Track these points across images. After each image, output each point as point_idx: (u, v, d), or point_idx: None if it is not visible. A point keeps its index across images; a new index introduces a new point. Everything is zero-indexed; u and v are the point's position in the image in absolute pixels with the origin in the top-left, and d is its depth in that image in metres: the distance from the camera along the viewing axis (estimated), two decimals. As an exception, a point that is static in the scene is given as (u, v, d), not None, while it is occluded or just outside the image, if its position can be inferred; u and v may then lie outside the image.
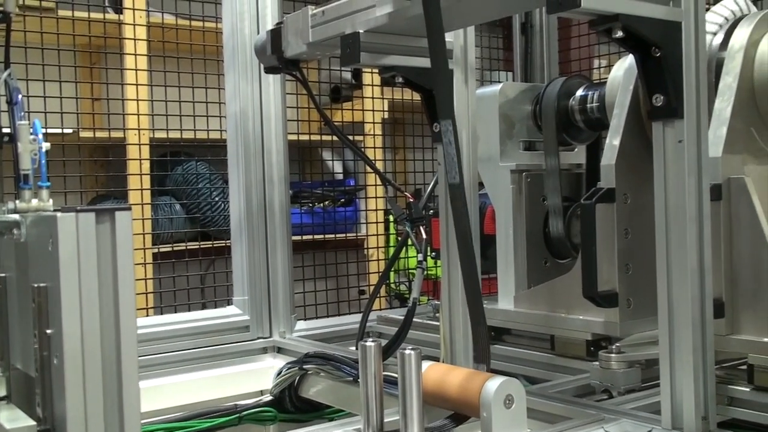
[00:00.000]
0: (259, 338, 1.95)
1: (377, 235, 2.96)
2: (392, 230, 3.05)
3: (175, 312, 2.28)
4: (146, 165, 2.60)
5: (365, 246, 3.03)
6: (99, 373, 0.90)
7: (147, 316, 2.30)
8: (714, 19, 1.42)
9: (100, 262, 0.91)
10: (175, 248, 2.68)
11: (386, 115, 3.14)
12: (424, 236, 1.64)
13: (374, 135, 3.06)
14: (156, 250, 2.63)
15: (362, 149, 2.96)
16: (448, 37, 1.46)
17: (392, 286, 2.98)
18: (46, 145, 1.16)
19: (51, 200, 1.14)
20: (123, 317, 0.91)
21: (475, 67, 1.51)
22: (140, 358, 0.93)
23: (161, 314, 2.33)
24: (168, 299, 2.46)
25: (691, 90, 1.09)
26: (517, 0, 1.19)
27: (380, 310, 2.36)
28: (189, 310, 2.26)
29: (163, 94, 2.50)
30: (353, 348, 1.81)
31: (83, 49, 2.65)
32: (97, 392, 0.90)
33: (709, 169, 1.13)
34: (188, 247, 2.59)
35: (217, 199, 2.83)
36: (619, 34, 1.05)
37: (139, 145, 2.57)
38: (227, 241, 2.09)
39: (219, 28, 2.11)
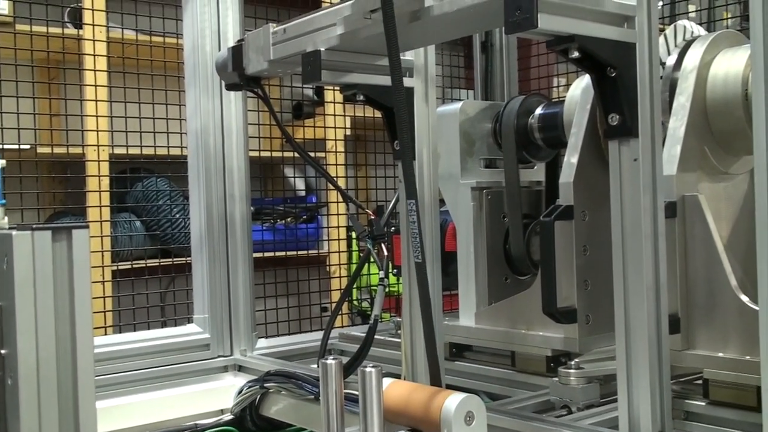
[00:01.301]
0: (219, 356, 1.93)
1: (339, 252, 2.96)
2: (355, 247, 3.05)
3: (135, 330, 2.25)
4: (105, 181, 2.57)
5: (327, 263, 3.02)
6: (54, 394, 0.88)
7: (105, 334, 2.27)
8: (665, 43, 1.46)
9: (56, 281, 0.89)
10: (134, 266, 2.64)
11: (349, 132, 3.14)
12: (386, 253, 1.64)
13: (336, 152, 3.06)
14: (115, 268, 2.60)
15: (324, 166, 2.96)
16: (410, 55, 1.48)
17: (355, 303, 2.97)
18: (1, 162, 1.14)
19: (6, 218, 1.13)
20: (80, 337, 0.90)
21: (436, 85, 1.52)
22: (99, 377, 0.92)
23: (120, 333, 2.30)
24: (127, 317, 2.43)
25: (646, 109, 1.11)
26: (475, 20, 1.20)
27: (342, 327, 2.35)
28: (149, 329, 2.23)
29: (123, 110, 2.48)
30: (315, 366, 1.80)
31: (41, 65, 2.61)
32: (52, 413, 0.88)
33: (664, 187, 1.15)
34: (148, 265, 2.56)
35: (177, 215, 2.81)
36: (576, 54, 1.06)
37: (98, 161, 2.54)
38: (188, 259, 2.08)
39: (180, 44, 2.10)
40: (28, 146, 2.44)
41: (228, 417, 1.61)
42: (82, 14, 2.62)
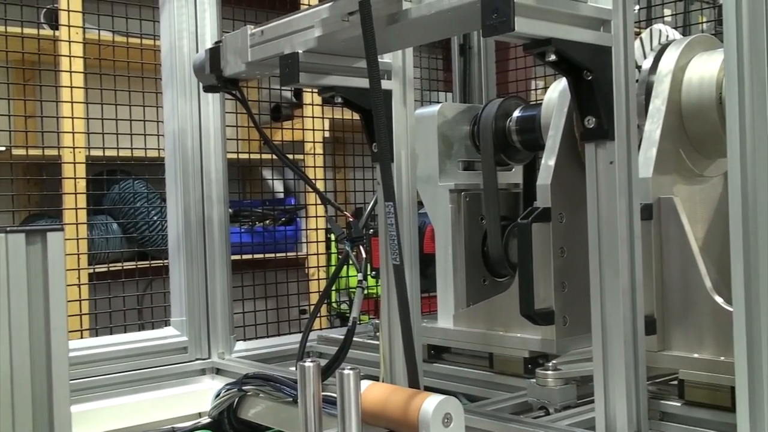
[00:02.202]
0: (197, 359, 1.92)
1: (318, 254, 2.96)
2: (334, 249, 3.04)
3: (111, 333, 2.23)
4: (82, 183, 2.55)
5: (306, 265, 3.01)
6: (29, 398, 0.88)
7: (82, 338, 2.25)
8: (641, 46, 1.47)
9: (30, 285, 0.89)
10: (111, 268, 2.62)
11: (327, 134, 3.14)
12: (364, 255, 1.64)
13: (315, 154, 3.06)
14: (92, 271, 2.58)
15: (303, 168, 2.95)
16: (388, 57, 1.48)
17: (333, 305, 2.97)
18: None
19: (-20, 220, 1.12)
20: (54, 341, 0.89)
21: (414, 87, 1.52)
22: (75, 381, 0.91)
23: (97, 336, 2.27)
24: (104, 320, 2.41)
25: (622, 113, 1.12)
26: (453, 23, 1.20)
27: (321, 329, 2.35)
28: (125, 332, 2.21)
29: (99, 112, 2.46)
30: (293, 368, 1.80)
31: (17, 66, 2.59)
32: (26, 417, 0.87)
33: (640, 190, 1.16)
34: (125, 267, 2.54)
35: (155, 218, 2.79)
36: (552, 57, 1.07)
37: (74, 163, 2.52)
38: (165, 261, 2.06)
39: (157, 46, 2.08)
40: (3, 148, 2.41)
41: (206, 420, 1.61)
42: (58, 15, 2.60)
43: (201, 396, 1.83)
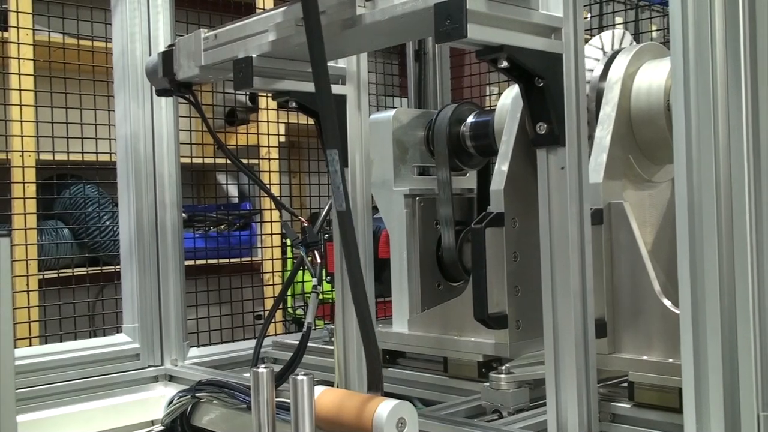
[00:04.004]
0: (149, 366, 1.90)
1: (273, 259, 2.94)
2: (289, 254, 3.03)
3: (61, 341, 2.19)
4: (31, 188, 2.51)
5: (262, 270, 3.00)
6: (-27, 408, 0.86)
7: (31, 345, 2.21)
8: (593, 52, 1.49)
9: (-25, 291, 0.87)
10: (61, 274, 2.58)
11: (283, 139, 3.13)
12: (319, 260, 1.64)
13: (270, 159, 3.04)
14: (41, 277, 2.53)
15: (258, 173, 2.94)
16: (342, 62, 1.48)
17: (289, 310, 2.95)
18: None
19: (-77, 226, 1.09)
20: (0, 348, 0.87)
21: (368, 92, 1.53)
22: (24, 390, 0.90)
23: (46, 343, 2.23)
24: (54, 328, 2.37)
25: (572, 119, 1.13)
26: (407, 29, 1.21)
27: (276, 335, 2.33)
28: (76, 339, 2.18)
29: (49, 115, 2.42)
30: (248, 374, 1.79)
31: (-37, 68, 2.53)
32: (-30, 428, 0.86)
33: (591, 195, 1.18)
34: (75, 273, 2.50)
35: (107, 223, 2.75)
36: (504, 64, 1.08)
37: (23, 167, 2.47)
38: (117, 267, 2.03)
39: (109, 48, 2.06)
40: (-51, 151, 2.36)
41: (159, 428, 1.59)
42: (7, 16, 2.54)
43: (154, 403, 1.81)
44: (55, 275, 2.57)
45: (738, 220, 0.95)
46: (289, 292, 2.78)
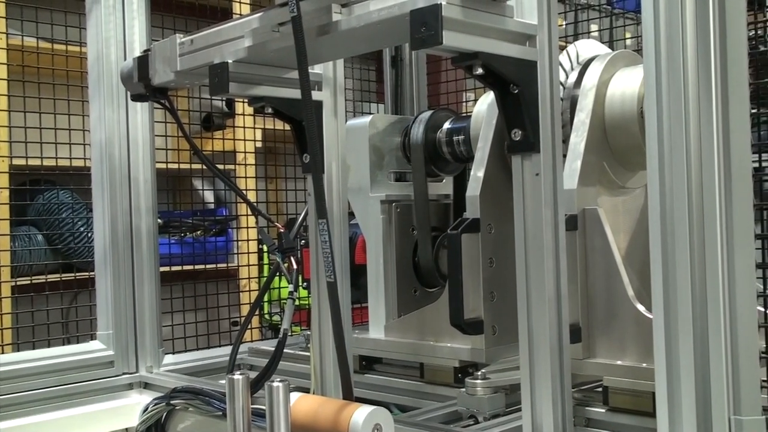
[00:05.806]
0: (124, 374, 1.88)
1: (249, 265, 2.93)
2: (266, 260, 3.02)
3: (35, 348, 2.16)
4: (5, 193, 2.48)
5: (237, 276, 2.98)
6: (-57, 417, 0.85)
7: (3, 353, 2.18)
8: (566, 60, 1.51)
9: (-55, 298, 0.86)
10: (34, 281, 2.55)
11: (260, 144, 3.12)
12: (295, 266, 1.63)
13: (246, 164, 3.03)
14: (14, 284, 2.50)
15: (234, 179, 2.93)
16: (318, 68, 1.48)
17: (266, 316, 2.94)
18: None
19: None
20: (-29, 356, 0.86)
21: (345, 98, 1.53)
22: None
23: (19, 351, 2.21)
24: (27, 335, 2.34)
25: (547, 125, 1.14)
26: (383, 36, 1.21)
27: (253, 341, 2.32)
28: (50, 346, 2.15)
29: (23, 120, 2.40)
30: (224, 381, 1.78)
31: (-65, 72, 2.50)
32: (-60, 437, 0.84)
33: (565, 201, 1.18)
34: (49, 280, 2.47)
35: (81, 229, 2.72)
36: (479, 71, 1.09)
37: (-4, 172, 2.45)
38: (91, 273, 2.02)
39: (83, 53, 2.04)
40: None
41: (133, 436, 1.57)
42: (-21, 20, 2.53)
43: (128, 411, 1.80)
44: (28, 282, 2.54)
45: (709, 226, 0.96)
46: (265, 298, 2.77)
